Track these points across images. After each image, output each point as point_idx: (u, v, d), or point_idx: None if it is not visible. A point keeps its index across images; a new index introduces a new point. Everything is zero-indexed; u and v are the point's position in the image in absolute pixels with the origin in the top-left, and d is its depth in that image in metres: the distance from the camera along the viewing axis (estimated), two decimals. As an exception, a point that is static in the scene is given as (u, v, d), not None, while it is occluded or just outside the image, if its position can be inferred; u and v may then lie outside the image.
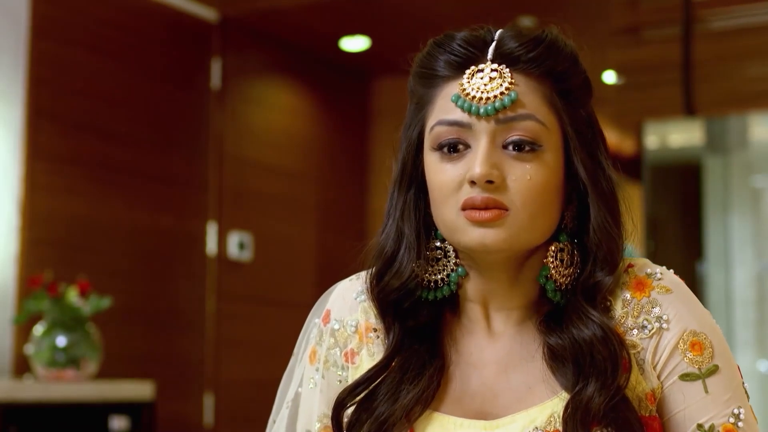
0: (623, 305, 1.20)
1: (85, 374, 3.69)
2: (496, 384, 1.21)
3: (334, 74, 5.85)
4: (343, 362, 1.28)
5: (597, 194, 1.19)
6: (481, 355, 1.23)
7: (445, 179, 1.17)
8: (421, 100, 1.23)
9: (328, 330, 1.30)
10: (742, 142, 4.34)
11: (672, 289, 1.21)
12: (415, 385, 1.19)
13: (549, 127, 1.17)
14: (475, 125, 1.16)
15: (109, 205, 4.47)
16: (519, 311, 1.23)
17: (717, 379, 1.18)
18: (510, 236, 1.15)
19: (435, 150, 1.19)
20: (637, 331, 1.19)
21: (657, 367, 1.19)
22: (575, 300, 1.19)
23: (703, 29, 4.24)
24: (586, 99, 1.22)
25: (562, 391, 1.17)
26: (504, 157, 1.16)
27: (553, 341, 1.18)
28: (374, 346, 1.26)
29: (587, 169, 1.19)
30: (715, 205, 4.34)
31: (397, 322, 1.23)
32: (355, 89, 6.07)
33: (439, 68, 1.20)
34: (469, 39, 1.20)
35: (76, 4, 4.43)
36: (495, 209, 1.14)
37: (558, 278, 1.20)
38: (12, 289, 4.04)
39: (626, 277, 1.21)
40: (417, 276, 1.22)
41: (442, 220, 1.19)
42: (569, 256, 1.21)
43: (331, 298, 1.32)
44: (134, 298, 4.49)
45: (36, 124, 4.20)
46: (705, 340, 1.19)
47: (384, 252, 1.24)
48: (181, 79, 4.92)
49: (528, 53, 1.18)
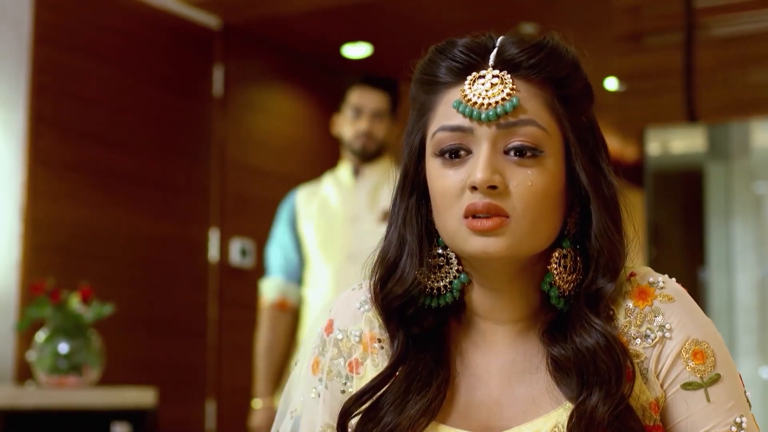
0: (626, 314, 1.20)
1: (87, 381, 3.68)
2: (500, 396, 1.21)
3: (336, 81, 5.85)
4: (347, 372, 1.28)
5: (599, 200, 1.19)
6: (487, 367, 1.23)
7: (446, 185, 1.17)
8: (423, 107, 1.23)
9: (331, 340, 1.29)
10: (744, 149, 4.34)
11: (674, 298, 1.21)
12: (422, 396, 1.19)
13: (550, 133, 1.17)
14: (476, 131, 1.16)
15: (111, 211, 4.47)
16: (522, 321, 1.23)
17: (719, 388, 1.18)
18: (512, 244, 1.15)
19: (437, 156, 1.19)
20: (640, 340, 1.19)
21: (660, 376, 1.19)
22: (578, 308, 1.19)
23: (705, 36, 4.24)
24: (588, 105, 1.23)
25: (566, 401, 1.17)
26: (505, 162, 1.16)
27: (557, 352, 1.18)
28: (379, 357, 1.26)
29: (589, 174, 1.19)
30: (718, 212, 4.34)
31: (402, 330, 1.23)
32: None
33: (441, 75, 1.21)
34: (470, 45, 1.20)
35: (79, 11, 4.44)
36: (496, 217, 1.14)
37: (562, 285, 1.20)
38: (14, 296, 4.04)
39: (629, 286, 1.21)
40: (420, 283, 1.21)
41: (444, 227, 1.19)
42: (572, 262, 1.21)
43: (334, 308, 1.32)
44: (136, 305, 4.49)
45: (38, 130, 4.20)
46: (707, 349, 1.19)
47: (386, 259, 1.24)
48: (183, 86, 4.93)
49: (529, 59, 1.18)
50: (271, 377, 3.55)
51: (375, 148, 3.53)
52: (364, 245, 3.34)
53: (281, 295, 3.57)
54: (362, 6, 4.94)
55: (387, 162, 3.58)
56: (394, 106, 3.59)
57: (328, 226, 3.54)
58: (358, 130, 3.50)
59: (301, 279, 3.58)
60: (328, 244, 3.52)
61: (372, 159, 3.54)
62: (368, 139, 3.50)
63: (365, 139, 3.50)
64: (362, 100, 3.53)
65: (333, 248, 3.51)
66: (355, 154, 3.54)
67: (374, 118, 3.51)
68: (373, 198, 3.52)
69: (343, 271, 3.46)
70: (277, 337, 3.55)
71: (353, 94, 3.56)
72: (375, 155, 3.54)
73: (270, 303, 3.57)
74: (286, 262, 3.59)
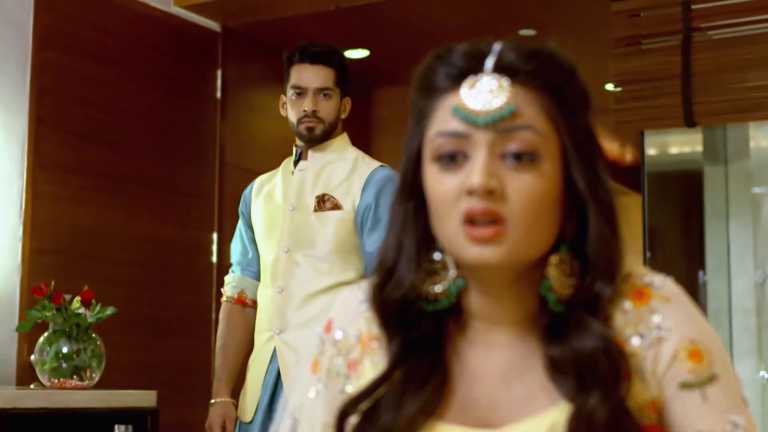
0: (622, 314, 1.21)
1: (88, 383, 3.69)
2: (498, 395, 1.21)
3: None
4: (347, 371, 1.28)
5: (596, 205, 1.20)
6: (484, 367, 1.23)
7: (444, 190, 1.18)
8: (421, 112, 1.23)
9: (330, 339, 1.30)
10: (741, 152, 4.35)
11: (671, 298, 1.21)
12: (420, 395, 1.20)
13: (547, 138, 1.18)
14: (473, 136, 1.17)
15: (112, 214, 4.48)
16: (520, 323, 1.23)
17: (716, 388, 1.19)
18: (509, 251, 1.16)
19: (434, 161, 1.19)
20: (637, 339, 1.20)
21: (656, 375, 1.19)
22: (576, 311, 1.19)
23: (703, 40, 4.26)
24: (585, 110, 1.23)
25: (562, 401, 1.17)
26: (503, 167, 1.16)
27: (554, 352, 1.19)
28: (377, 356, 1.26)
29: (586, 179, 1.20)
30: (715, 214, 4.35)
31: (400, 333, 1.23)
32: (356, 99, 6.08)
33: (439, 80, 1.21)
34: (468, 51, 1.21)
35: (80, 15, 4.45)
36: (493, 226, 1.15)
37: (559, 289, 1.20)
38: (16, 299, 4.05)
39: (625, 286, 1.22)
40: (417, 288, 1.22)
41: (442, 233, 1.20)
42: (569, 267, 1.21)
43: (333, 308, 1.33)
44: (137, 307, 4.51)
45: (40, 133, 4.21)
46: (704, 348, 1.20)
47: (384, 263, 1.25)
48: (184, 89, 4.94)
49: (527, 65, 1.19)
50: (224, 376, 3.37)
51: (323, 130, 3.26)
52: (300, 236, 3.24)
53: (237, 290, 3.39)
54: (361, 10, 4.95)
55: (341, 142, 3.33)
56: (341, 80, 3.29)
57: (270, 217, 3.32)
58: (302, 112, 3.23)
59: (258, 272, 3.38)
60: (269, 236, 3.30)
61: (321, 141, 3.28)
62: (315, 120, 3.23)
63: (311, 121, 3.23)
64: (304, 78, 3.24)
65: (273, 240, 3.28)
66: (303, 139, 3.28)
67: (320, 96, 3.24)
68: (314, 184, 3.27)
69: (279, 265, 3.24)
70: (232, 333, 3.37)
71: (294, 72, 3.26)
72: (324, 137, 3.28)
73: (225, 298, 3.42)
74: (243, 256, 3.42)
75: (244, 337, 3.40)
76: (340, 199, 3.22)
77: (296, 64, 3.25)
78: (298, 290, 3.20)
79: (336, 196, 3.23)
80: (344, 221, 3.21)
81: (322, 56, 3.25)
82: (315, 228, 3.22)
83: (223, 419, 3.30)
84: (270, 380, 3.22)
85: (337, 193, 3.23)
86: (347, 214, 3.21)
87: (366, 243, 3.17)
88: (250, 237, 3.39)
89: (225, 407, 3.32)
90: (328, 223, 3.21)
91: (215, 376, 3.41)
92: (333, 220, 3.21)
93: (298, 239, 3.22)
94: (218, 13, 5.05)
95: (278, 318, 3.21)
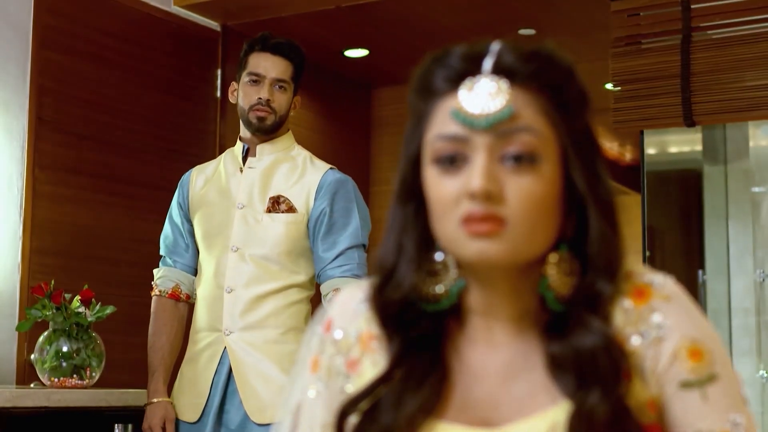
0: (623, 313, 1.21)
1: (88, 382, 3.70)
2: (498, 393, 1.21)
3: (335, 84, 5.87)
4: (347, 371, 1.28)
5: (596, 205, 1.20)
6: (484, 364, 1.23)
7: (444, 193, 1.18)
8: (420, 115, 1.23)
9: (330, 339, 1.30)
10: (741, 151, 4.36)
11: (671, 297, 1.22)
12: (419, 394, 1.20)
13: (547, 140, 1.18)
14: (473, 139, 1.17)
15: (112, 214, 4.49)
16: (520, 321, 1.23)
17: (716, 387, 1.19)
18: (510, 249, 1.16)
19: (434, 164, 1.19)
20: (637, 338, 1.20)
21: (657, 374, 1.19)
22: (576, 309, 1.19)
23: (703, 39, 4.26)
24: (584, 111, 1.23)
25: (563, 399, 1.17)
26: (502, 170, 1.16)
27: (555, 351, 1.19)
28: (377, 355, 1.26)
29: (586, 179, 1.20)
30: (714, 214, 4.35)
31: (400, 333, 1.24)
32: (356, 99, 6.09)
33: (437, 83, 1.21)
34: (466, 53, 1.21)
35: (80, 15, 4.46)
36: (494, 221, 1.15)
37: (558, 288, 1.20)
38: (16, 298, 4.06)
39: (626, 285, 1.22)
40: (418, 288, 1.22)
41: (442, 234, 1.20)
42: (569, 265, 1.21)
43: (333, 307, 1.33)
44: (138, 307, 4.50)
45: (40, 133, 4.22)
46: (704, 347, 1.20)
47: (384, 265, 1.25)
48: (184, 90, 4.95)
49: (525, 66, 1.19)
50: (161, 375, 3.28)
51: (274, 122, 3.21)
52: (251, 236, 3.18)
53: (173, 285, 3.30)
54: (361, 10, 4.96)
55: (288, 140, 3.30)
56: (297, 76, 3.27)
57: (214, 214, 3.23)
58: (256, 99, 3.19)
59: (195, 267, 3.31)
60: (213, 234, 3.22)
61: (270, 134, 3.24)
62: (267, 110, 3.19)
63: (263, 110, 3.19)
64: (263, 66, 3.21)
65: (219, 238, 3.20)
66: (251, 128, 3.22)
67: (275, 87, 3.21)
68: (265, 184, 3.21)
69: (228, 263, 3.17)
70: (167, 330, 3.30)
71: (253, 59, 3.23)
72: (273, 130, 3.23)
73: (158, 292, 3.33)
74: (178, 248, 3.31)
75: (179, 333, 3.33)
76: (294, 201, 3.19)
77: (256, 52, 3.23)
78: (248, 291, 3.15)
79: (290, 197, 3.20)
80: (297, 224, 3.17)
81: (283, 48, 3.25)
82: (267, 229, 3.17)
83: (163, 420, 3.22)
84: (220, 381, 3.16)
85: (291, 194, 3.20)
86: (301, 217, 3.18)
87: (320, 248, 3.15)
88: (188, 230, 3.30)
89: (164, 408, 3.23)
90: (281, 225, 3.17)
91: (151, 375, 3.29)
92: (286, 222, 3.17)
93: (248, 239, 3.17)
94: (218, 13, 5.06)
95: (228, 318, 3.15)
